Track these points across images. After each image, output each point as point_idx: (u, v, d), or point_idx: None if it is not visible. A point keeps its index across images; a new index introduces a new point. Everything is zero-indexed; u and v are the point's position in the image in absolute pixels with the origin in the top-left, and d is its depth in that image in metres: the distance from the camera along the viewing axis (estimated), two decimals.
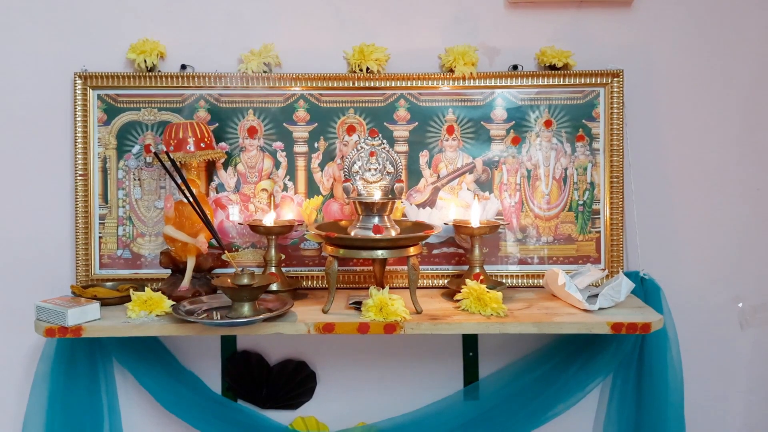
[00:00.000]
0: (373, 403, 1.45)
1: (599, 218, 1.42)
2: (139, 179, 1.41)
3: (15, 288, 1.43)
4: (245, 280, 1.16)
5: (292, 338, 1.45)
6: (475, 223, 1.30)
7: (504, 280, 1.39)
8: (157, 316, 1.19)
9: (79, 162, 1.39)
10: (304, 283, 1.40)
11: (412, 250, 1.22)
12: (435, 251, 1.42)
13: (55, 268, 1.42)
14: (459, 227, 1.32)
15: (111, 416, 1.41)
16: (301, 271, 1.41)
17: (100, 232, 1.40)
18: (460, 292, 1.25)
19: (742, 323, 1.47)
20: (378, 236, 1.20)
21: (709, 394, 1.47)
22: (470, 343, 1.45)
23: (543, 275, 1.38)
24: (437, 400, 1.43)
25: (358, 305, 1.25)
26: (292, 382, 1.45)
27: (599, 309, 1.22)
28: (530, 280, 1.41)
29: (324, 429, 1.45)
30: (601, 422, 1.45)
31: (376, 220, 1.25)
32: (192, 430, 1.43)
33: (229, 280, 1.17)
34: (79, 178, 1.39)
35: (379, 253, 1.19)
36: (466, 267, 1.36)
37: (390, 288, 1.21)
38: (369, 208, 1.25)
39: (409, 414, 1.42)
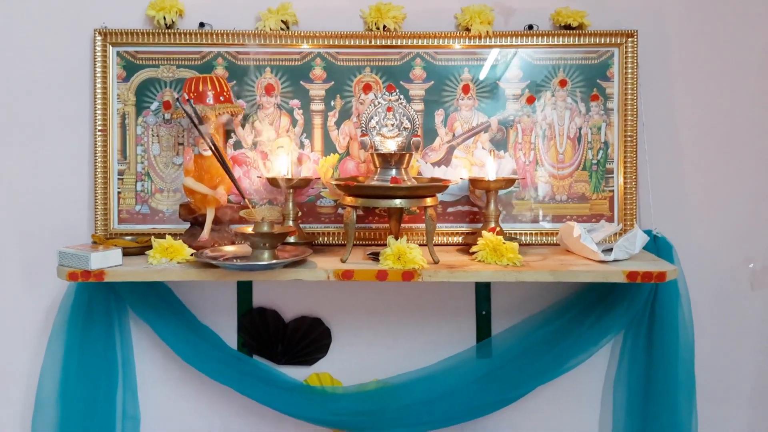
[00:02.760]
0: (386, 361, 1.46)
1: (612, 177, 1.43)
2: (157, 135, 1.42)
3: (34, 243, 1.45)
4: (265, 228, 1.18)
5: (307, 295, 1.47)
6: (491, 177, 1.32)
7: (517, 238, 1.40)
8: (178, 263, 1.21)
9: (99, 118, 1.40)
10: (320, 239, 1.42)
11: (429, 201, 1.23)
12: (449, 209, 1.43)
13: (74, 222, 1.44)
14: (475, 181, 1.34)
15: (125, 369, 1.43)
16: (317, 227, 1.43)
17: (118, 188, 1.42)
18: (476, 244, 1.26)
19: (753, 284, 1.49)
20: (396, 185, 1.21)
21: (719, 353, 1.49)
22: (483, 301, 1.46)
23: (556, 233, 1.39)
24: (450, 356, 1.44)
25: (375, 256, 1.26)
26: (307, 339, 1.47)
27: (614, 261, 1.24)
28: (543, 238, 1.42)
29: (338, 385, 1.46)
30: (612, 379, 1.46)
31: (393, 172, 1.27)
32: (205, 385, 1.46)
33: (249, 229, 1.19)
34: (98, 133, 1.40)
35: (397, 202, 1.21)
36: (480, 225, 1.38)
37: None
38: (387, 161, 1.27)
39: (422, 370, 1.43)
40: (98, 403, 1.39)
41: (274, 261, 1.15)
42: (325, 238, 1.42)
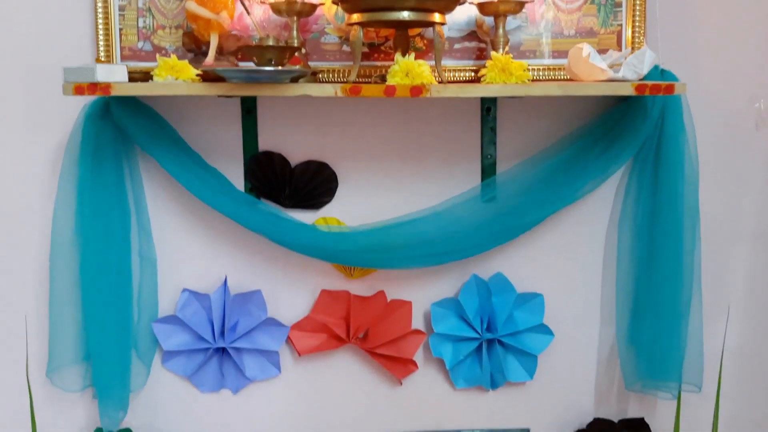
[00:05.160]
0: (391, 206, 1.46)
1: (621, 11, 1.41)
2: None
3: (36, 84, 1.43)
4: (271, 42, 1.16)
5: (313, 140, 1.47)
6: None
7: None
8: (183, 81, 1.20)
9: None
10: (325, 76, 1.41)
11: (437, 17, 1.21)
12: (456, 46, 1.42)
13: (77, 61, 1.41)
14: (483, 5, 1.31)
15: (138, 210, 1.43)
16: (321, 64, 1.41)
17: (120, 24, 1.39)
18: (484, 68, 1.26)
19: (758, 124, 1.49)
20: None
21: (723, 195, 1.50)
22: (488, 145, 1.46)
23: (564, 68, 1.38)
24: (454, 196, 1.44)
25: (383, 79, 1.25)
26: (314, 182, 1.48)
27: (623, 79, 1.23)
28: (551, 73, 1.41)
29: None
30: (616, 218, 1.48)
31: None
32: (214, 230, 1.47)
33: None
34: None
35: (405, 15, 1.19)
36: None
37: None
38: None
39: (427, 209, 1.43)
40: (113, 243, 1.40)
41: (281, 68, 1.14)
42: (330, 75, 1.41)
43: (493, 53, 1.25)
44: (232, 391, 1.52)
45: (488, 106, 1.44)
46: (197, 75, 1.21)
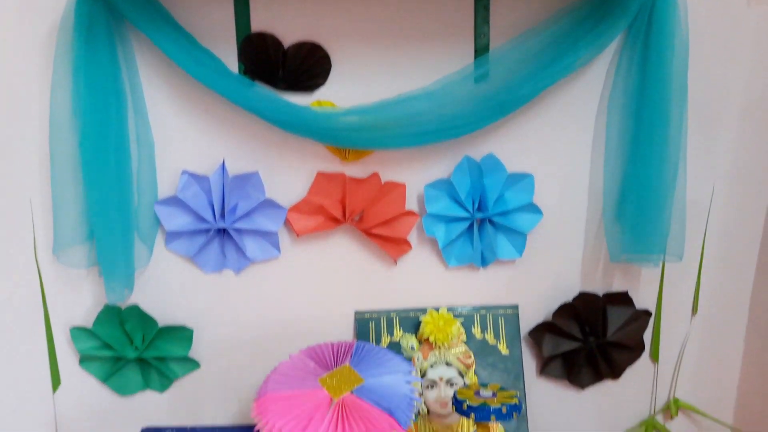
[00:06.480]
0: (386, 88, 1.48)
1: None
2: None
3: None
4: None
5: (306, 20, 1.46)
6: None
7: None
8: None
9: None
10: None
11: None
12: None
13: None
14: None
15: (133, 94, 1.44)
16: None
17: None
18: None
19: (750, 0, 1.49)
20: None
21: (712, 71, 1.51)
22: (482, 25, 1.46)
23: None
24: (447, 75, 1.45)
25: None
26: (307, 64, 1.48)
27: None
28: None
29: None
30: (607, 97, 1.50)
31: None
32: (211, 115, 1.49)
33: None
34: None
35: None
36: None
37: None
38: None
39: (420, 89, 1.44)
40: (110, 124, 1.41)
41: None
42: None
43: None
44: (234, 271, 1.58)
45: None
46: None
